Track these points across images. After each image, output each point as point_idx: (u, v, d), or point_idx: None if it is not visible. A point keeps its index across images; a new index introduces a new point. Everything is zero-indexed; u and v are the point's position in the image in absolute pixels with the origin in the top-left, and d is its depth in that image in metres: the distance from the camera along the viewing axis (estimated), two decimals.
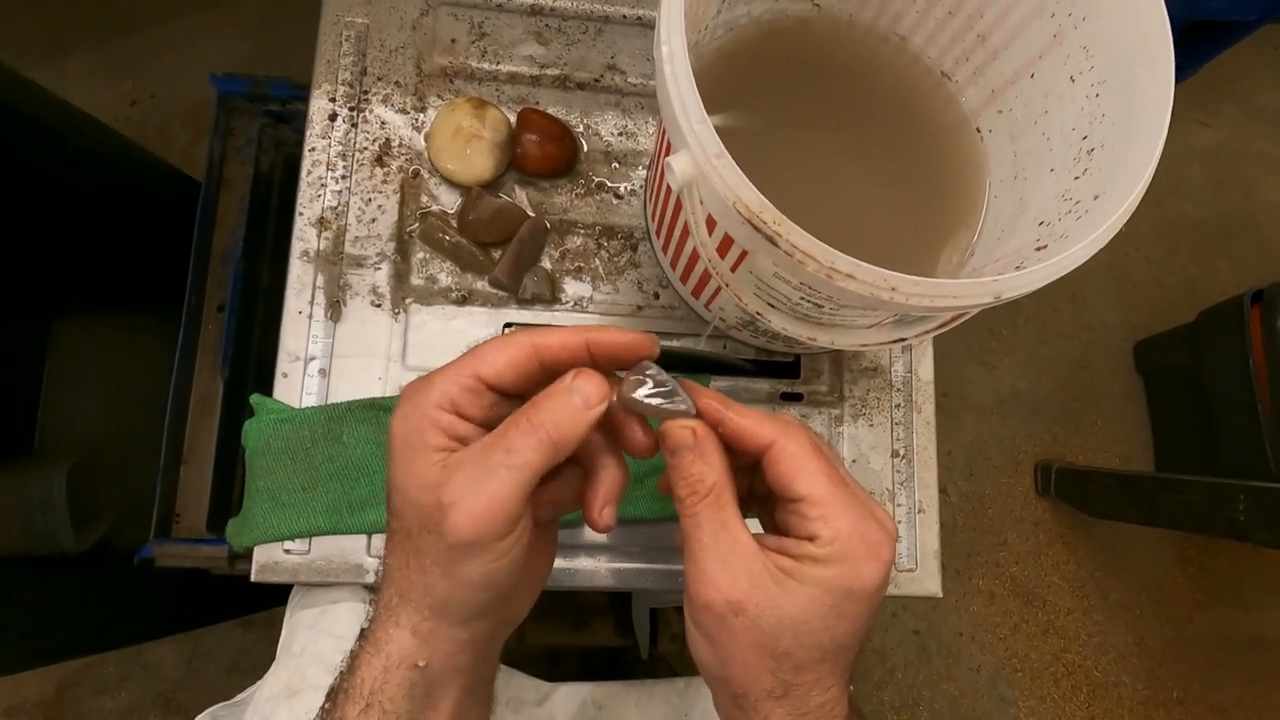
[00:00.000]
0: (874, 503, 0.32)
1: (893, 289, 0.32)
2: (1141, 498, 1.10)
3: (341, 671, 0.31)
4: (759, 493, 0.36)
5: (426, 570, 0.29)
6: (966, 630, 1.19)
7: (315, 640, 0.48)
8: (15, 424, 0.88)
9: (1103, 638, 1.22)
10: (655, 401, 0.32)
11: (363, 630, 0.32)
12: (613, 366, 0.32)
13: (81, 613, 0.81)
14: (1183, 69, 0.95)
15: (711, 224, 0.37)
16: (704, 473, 0.31)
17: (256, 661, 1.03)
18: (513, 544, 0.29)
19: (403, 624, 0.30)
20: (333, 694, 0.31)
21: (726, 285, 0.38)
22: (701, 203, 0.35)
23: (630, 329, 0.32)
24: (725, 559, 0.30)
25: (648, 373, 0.32)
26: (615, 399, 0.32)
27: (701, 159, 0.33)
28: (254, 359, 0.80)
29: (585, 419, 0.29)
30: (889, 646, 1.17)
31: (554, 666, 0.81)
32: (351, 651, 0.32)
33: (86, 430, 0.93)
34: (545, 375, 0.31)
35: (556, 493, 0.33)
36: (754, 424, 0.32)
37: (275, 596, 1.00)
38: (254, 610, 1.06)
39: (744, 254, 0.38)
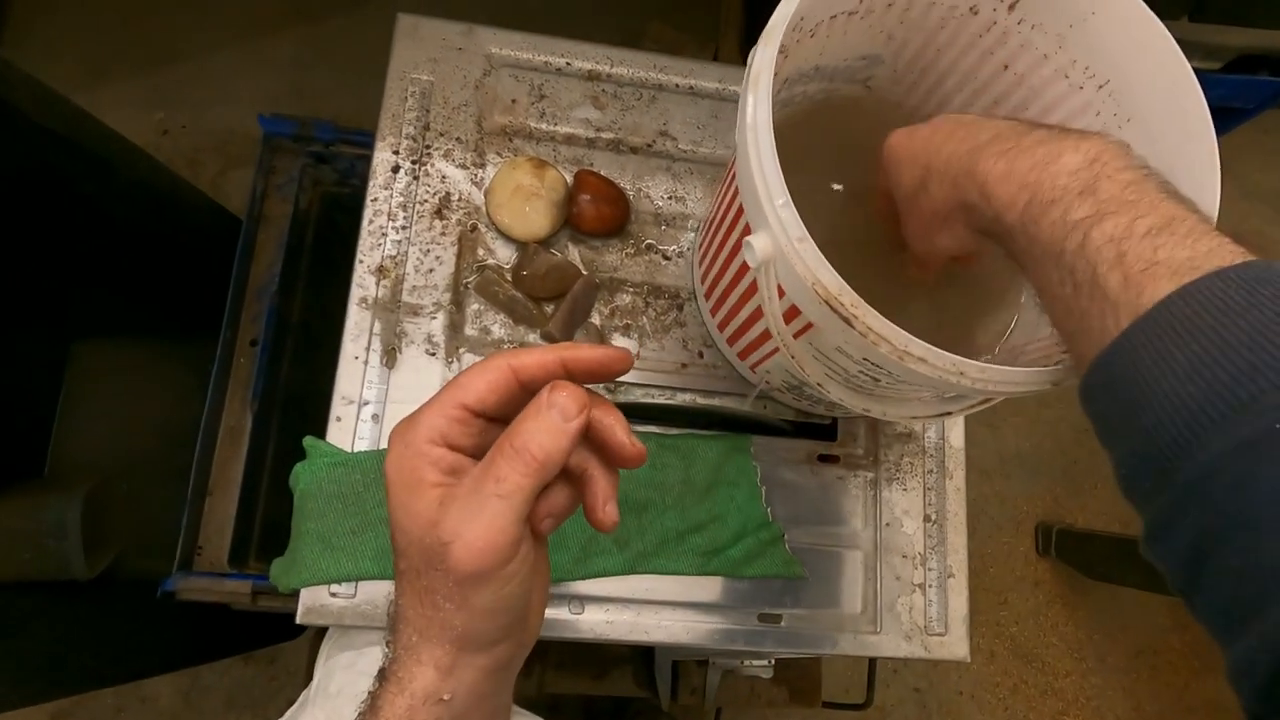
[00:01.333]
0: None
1: (961, 373, 0.34)
2: (1140, 562, 1.11)
3: (361, 713, 0.31)
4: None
5: (440, 606, 0.29)
6: (966, 689, 1.19)
7: (353, 681, 0.48)
8: (28, 446, 0.88)
9: (1100, 701, 1.22)
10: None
11: (382, 670, 0.31)
12: (591, 382, 0.32)
13: (92, 643, 0.81)
14: None
15: (780, 293, 0.38)
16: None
17: (255, 697, 1.01)
18: (519, 566, 0.29)
19: (425, 660, 0.30)
20: None
21: (791, 355, 0.40)
22: (775, 277, 0.37)
23: (606, 344, 0.32)
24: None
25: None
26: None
27: (783, 240, 0.35)
28: (281, 393, 0.81)
29: (568, 433, 0.29)
30: (889, 704, 1.17)
31: (555, 714, 0.81)
32: (371, 692, 0.31)
33: (99, 455, 0.92)
34: (526, 396, 0.31)
35: (552, 503, 0.33)
36: None
37: (282, 633, 0.99)
38: (260, 646, 1.05)
39: (808, 326, 0.39)
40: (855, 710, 0.77)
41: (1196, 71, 0.39)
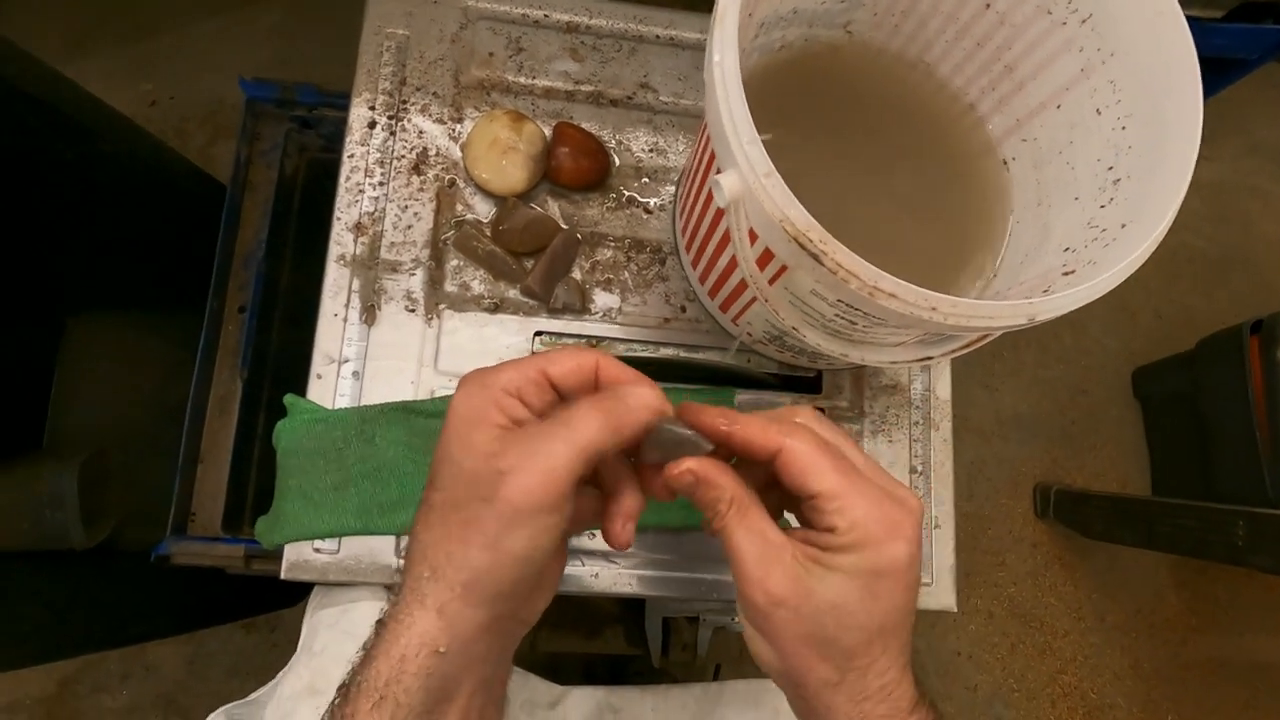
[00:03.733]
0: (894, 482, 0.34)
1: (933, 308, 0.33)
2: (1139, 521, 1.11)
3: (354, 667, 0.31)
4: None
5: (469, 540, 0.30)
6: (964, 649, 1.20)
7: (337, 640, 0.49)
8: (25, 419, 0.88)
9: (1099, 660, 1.23)
10: (671, 442, 0.33)
11: (380, 622, 0.32)
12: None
13: (91, 609, 0.81)
14: None
15: (753, 238, 0.38)
16: (718, 494, 0.32)
17: (257, 665, 1.02)
18: (558, 522, 0.30)
19: (429, 604, 0.30)
20: (344, 689, 0.31)
21: (765, 300, 0.39)
22: (746, 219, 0.37)
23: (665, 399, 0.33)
24: (759, 559, 0.31)
25: (663, 428, 0.33)
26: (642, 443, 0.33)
27: (751, 178, 0.34)
28: (272, 360, 0.81)
29: (643, 415, 0.31)
30: None
31: (556, 675, 0.82)
32: (365, 645, 0.32)
33: (96, 427, 0.93)
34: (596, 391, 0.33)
35: (580, 507, 0.34)
36: (759, 433, 0.33)
37: (281, 599, 1.00)
38: (258, 612, 1.06)
39: (783, 269, 0.39)
40: None
41: (1195, 20, 0.38)
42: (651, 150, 0.56)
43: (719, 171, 0.36)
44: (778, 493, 0.35)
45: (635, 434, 0.31)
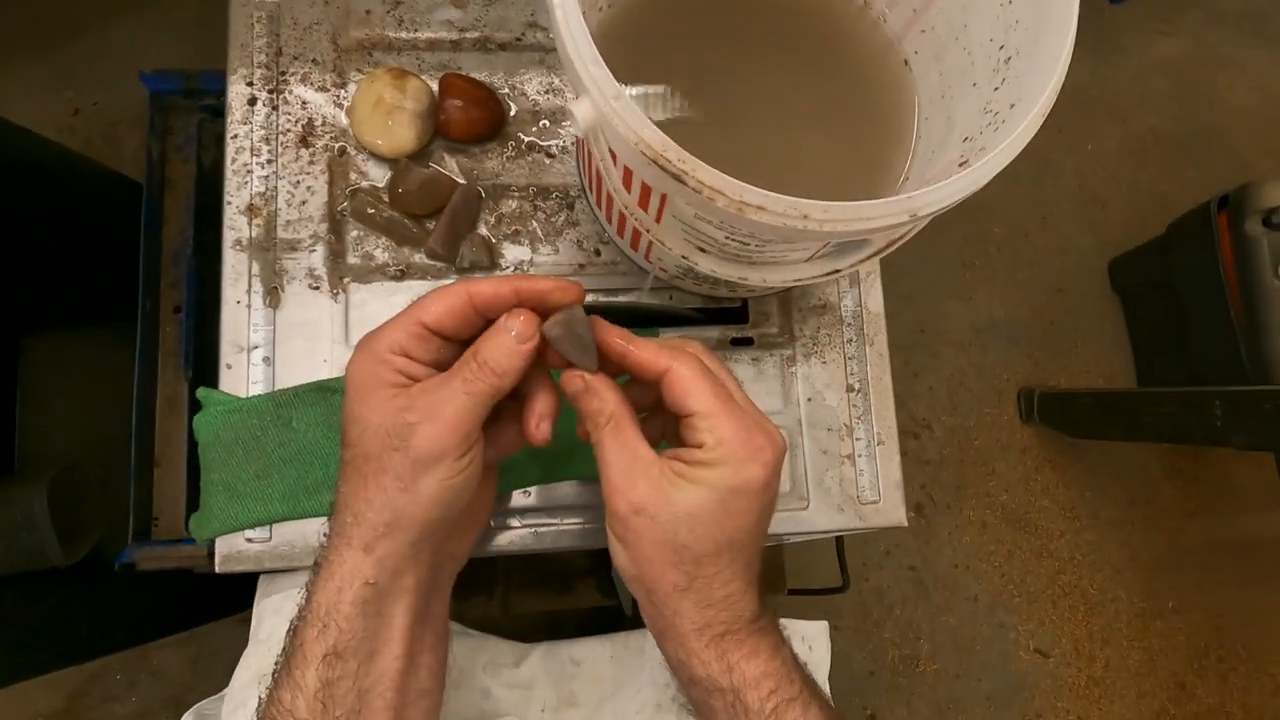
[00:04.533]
0: (763, 417, 0.36)
1: (804, 216, 0.32)
2: (1122, 414, 1.10)
3: (299, 605, 0.34)
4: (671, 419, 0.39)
5: (386, 487, 0.33)
6: (961, 562, 1.21)
7: (282, 625, 0.48)
8: None
9: (1096, 556, 1.23)
10: (565, 351, 0.36)
11: (315, 564, 0.35)
12: (543, 309, 0.36)
13: (76, 623, 0.82)
14: None
15: (629, 175, 0.36)
16: (600, 406, 0.35)
17: None
18: (468, 463, 0.33)
19: (354, 544, 0.33)
20: (291, 628, 0.34)
21: (648, 231, 0.38)
22: (611, 152, 0.35)
23: (555, 276, 0.35)
24: (626, 470, 0.34)
25: (573, 315, 0.35)
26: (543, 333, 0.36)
27: (600, 102, 0.32)
28: (217, 357, 0.80)
29: (521, 352, 0.34)
30: (885, 584, 1.18)
31: (528, 636, 0.82)
32: (306, 584, 0.35)
33: (66, 444, 0.93)
34: (481, 321, 0.35)
35: (502, 436, 0.38)
36: (650, 355, 0.36)
37: None
38: (250, 605, 1.07)
39: (664, 199, 0.37)
40: (835, 594, 0.78)
41: None
42: (548, 91, 0.54)
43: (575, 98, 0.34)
44: (661, 419, 0.39)
45: (524, 367, 0.34)
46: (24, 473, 0.91)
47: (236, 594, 0.98)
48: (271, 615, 0.48)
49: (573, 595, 0.69)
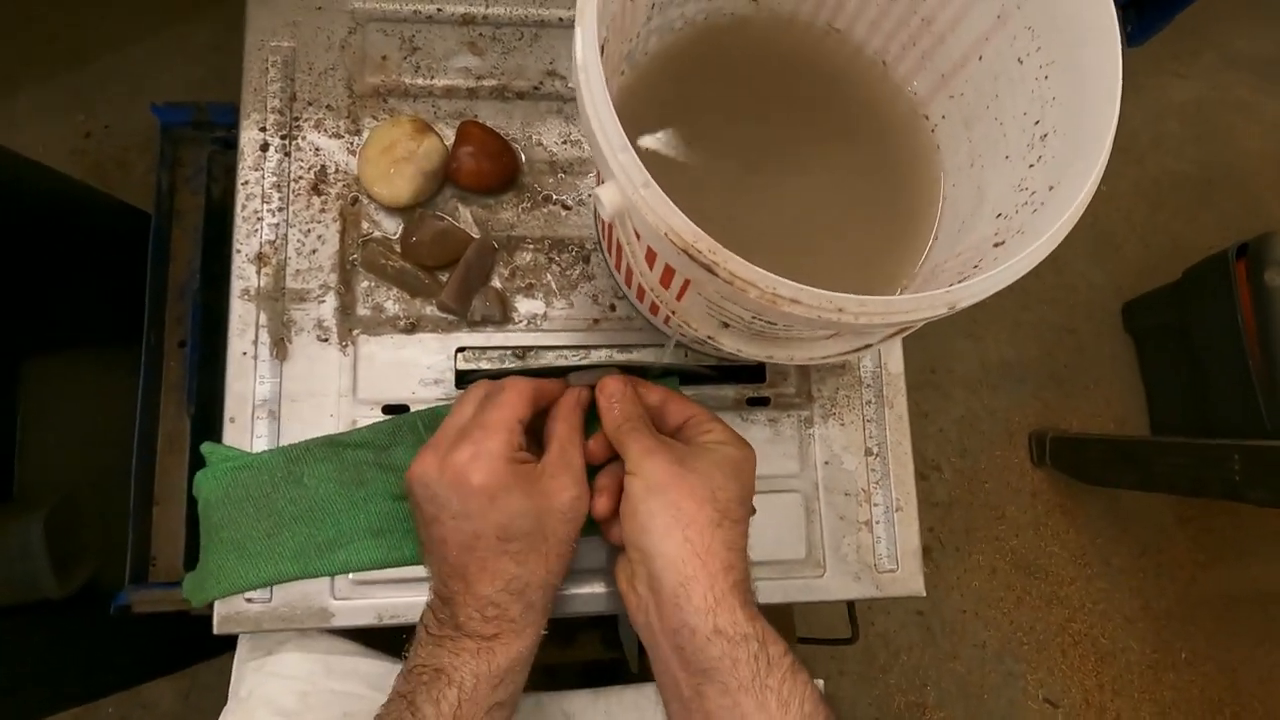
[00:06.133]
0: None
1: (839, 310, 0.31)
2: (1136, 463, 1.09)
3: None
4: None
5: (564, 555, 0.41)
6: (969, 607, 1.18)
7: (263, 683, 0.47)
8: None
9: (1107, 604, 1.21)
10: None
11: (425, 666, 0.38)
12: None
13: (70, 660, 0.80)
14: (1155, 21, 0.93)
15: (652, 256, 0.35)
16: (628, 411, 0.43)
17: None
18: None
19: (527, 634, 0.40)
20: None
21: (673, 314, 0.37)
22: (637, 235, 0.34)
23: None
24: (646, 451, 0.41)
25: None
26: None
27: (629, 190, 0.31)
28: (222, 394, 0.79)
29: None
30: (892, 630, 1.16)
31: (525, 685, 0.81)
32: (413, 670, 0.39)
33: (65, 473, 0.91)
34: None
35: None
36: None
37: None
38: None
39: (688, 281, 0.36)
40: (844, 644, 0.76)
41: None
42: (565, 142, 0.53)
43: (601, 182, 0.33)
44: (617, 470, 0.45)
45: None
46: (22, 500, 0.89)
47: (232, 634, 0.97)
48: (253, 673, 0.47)
49: (577, 647, 0.67)
